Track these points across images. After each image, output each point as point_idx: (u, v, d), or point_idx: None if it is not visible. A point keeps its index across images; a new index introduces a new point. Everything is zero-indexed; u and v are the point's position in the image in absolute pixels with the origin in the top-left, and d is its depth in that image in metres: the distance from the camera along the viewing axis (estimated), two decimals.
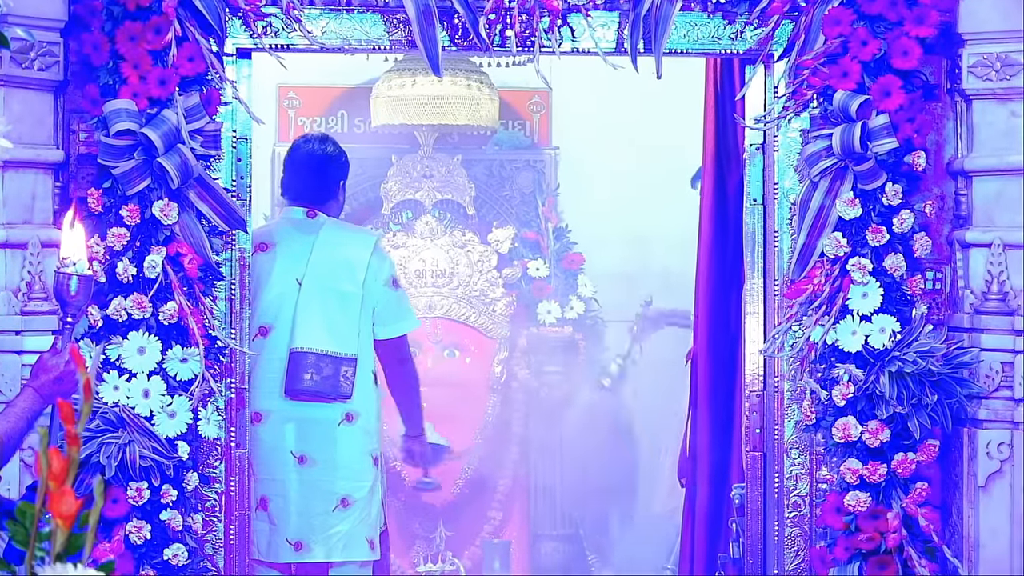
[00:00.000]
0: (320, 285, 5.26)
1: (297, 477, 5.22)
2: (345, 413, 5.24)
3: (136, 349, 4.64)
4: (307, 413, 5.22)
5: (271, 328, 5.25)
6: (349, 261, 5.32)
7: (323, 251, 5.32)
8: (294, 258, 5.30)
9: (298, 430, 5.22)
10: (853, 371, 4.80)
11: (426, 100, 7.47)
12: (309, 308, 5.23)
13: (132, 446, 4.57)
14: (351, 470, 5.26)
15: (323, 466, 5.22)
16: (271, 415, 5.24)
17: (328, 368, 5.18)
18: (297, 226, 5.39)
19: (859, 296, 4.80)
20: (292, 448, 5.21)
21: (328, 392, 5.19)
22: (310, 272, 5.27)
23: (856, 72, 4.78)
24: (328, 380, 5.18)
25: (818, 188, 4.84)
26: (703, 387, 5.91)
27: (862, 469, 4.80)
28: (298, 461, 5.21)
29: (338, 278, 5.29)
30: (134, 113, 4.62)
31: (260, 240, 5.29)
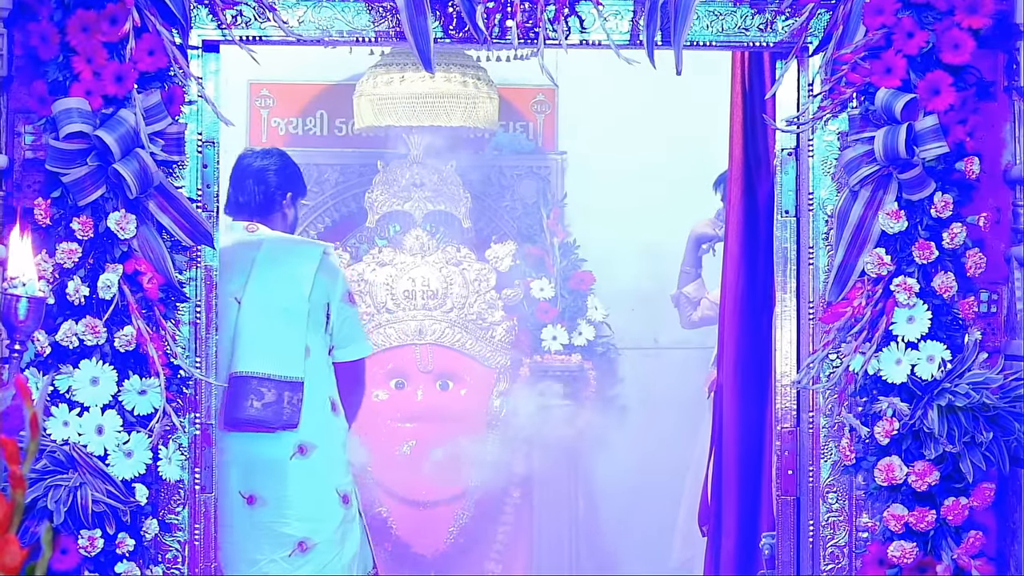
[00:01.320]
0: (261, 303, 5.31)
1: (247, 520, 5.24)
2: (297, 445, 5.25)
3: (89, 380, 4.64)
4: (253, 447, 5.23)
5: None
6: (293, 275, 5.36)
7: (264, 267, 5.38)
8: (233, 276, 5.34)
9: (245, 466, 5.23)
10: (898, 405, 4.80)
11: (416, 99, 7.48)
12: (249, 328, 5.26)
13: (84, 489, 4.56)
14: (307, 509, 5.26)
15: (274, 506, 5.24)
16: (221, 448, 5.17)
17: (270, 393, 5.19)
18: (237, 242, 5.45)
19: (904, 320, 4.80)
20: (239, 488, 5.23)
21: (270, 420, 5.19)
22: (250, 290, 5.32)
23: (901, 68, 4.79)
24: (270, 407, 5.19)
25: (858, 198, 4.84)
26: (728, 422, 5.91)
27: (908, 516, 4.79)
28: (247, 502, 5.23)
29: (280, 295, 5.33)
30: (87, 113, 4.62)
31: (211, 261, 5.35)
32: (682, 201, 7.64)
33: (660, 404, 7.99)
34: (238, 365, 5.21)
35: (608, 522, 7.79)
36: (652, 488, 7.80)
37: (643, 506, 7.79)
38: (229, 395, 5.18)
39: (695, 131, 7.52)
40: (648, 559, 7.74)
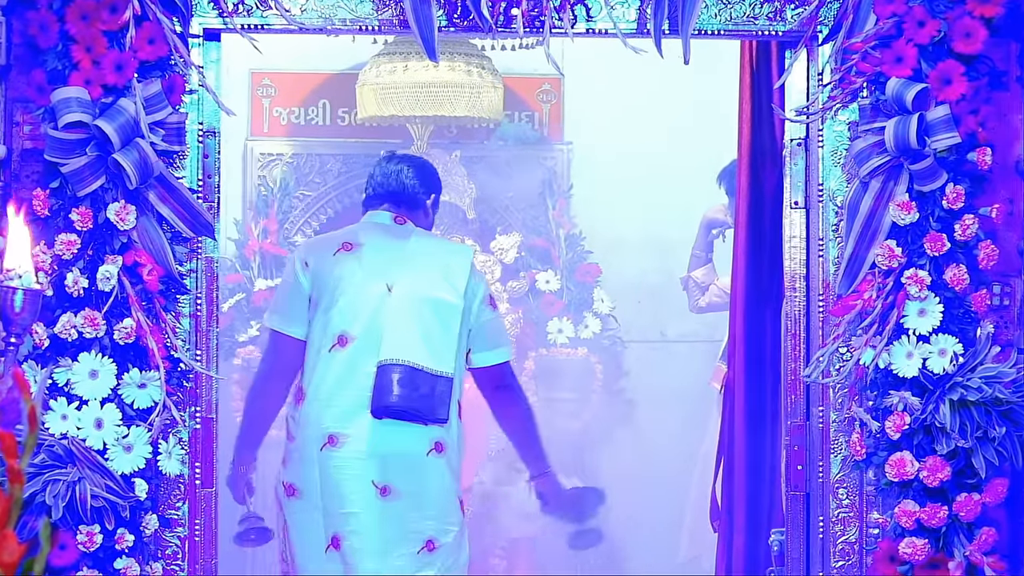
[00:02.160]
0: (415, 292, 5.21)
1: (379, 511, 5.11)
2: (435, 442, 5.16)
3: (88, 373, 4.64)
4: (392, 437, 5.13)
5: (353, 338, 5.17)
6: (448, 269, 5.29)
7: (417, 257, 5.30)
8: (383, 261, 5.27)
9: (381, 456, 5.12)
10: (909, 399, 4.79)
11: (420, 88, 7.47)
12: (401, 317, 5.17)
13: (82, 484, 4.56)
14: (439, 509, 5.18)
15: (409, 500, 5.13)
16: (348, 439, 5.13)
17: (423, 385, 5.10)
18: (385, 230, 5.38)
19: (916, 313, 4.80)
20: (374, 477, 5.11)
21: (422, 412, 5.10)
22: (403, 277, 5.23)
23: (912, 57, 4.78)
24: (423, 399, 5.09)
25: (868, 190, 4.84)
26: (738, 417, 5.90)
27: (919, 512, 4.79)
28: (380, 492, 5.11)
29: (436, 286, 5.24)
30: (86, 103, 4.62)
31: (343, 240, 5.32)
32: (690, 192, 7.63)
33: (667, 398, 7.98)
34: (388, 353, 5.11)
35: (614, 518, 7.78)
36: (659, 484, 7.80)
37: (650, 502, 7.78)
38: (378, 382, 5.09)
39: (703, 121, 7.51)
40: (655, 556, 7.73)
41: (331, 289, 5.18)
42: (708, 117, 7.32)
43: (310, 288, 5.24)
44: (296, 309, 5.25)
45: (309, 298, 5.23)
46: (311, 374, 5.19)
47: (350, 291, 5.20)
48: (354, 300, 5.19)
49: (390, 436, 5.13)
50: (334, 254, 5.24)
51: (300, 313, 5.24)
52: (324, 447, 5.12)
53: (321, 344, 5.18)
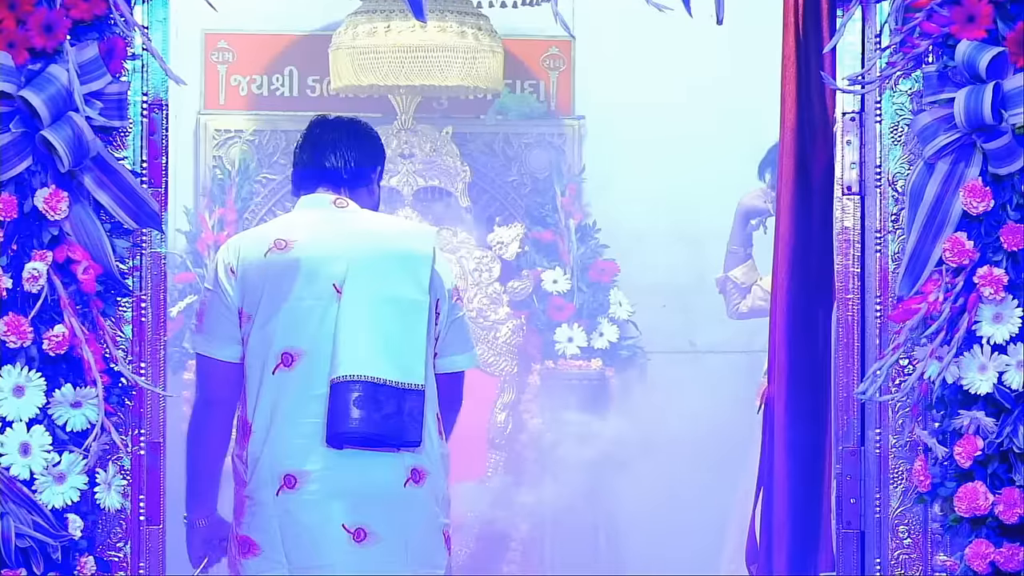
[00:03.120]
0: (370, 291, 5.11)
1: (354, 561, 5.05)
2: (411, 470, 5.09)
3: (12, 389, 4.65)
4: (361, 471, 5.06)
5: (300, 354, 5.09)
6: (407, 258, 5.18)
7: (368, 246, 5.18)
8: (327, 256, 5.15)
9: (349, 495, 5.06)
10: (982, 420, 4.81)
11: (405, 53, 7.49)
12: (355, 323, 5.08)
13: (5, 520, 4.58)
14: (423, 551, 5.13)
15: (388, 543, 5.06)
16: (308, 477, 5.06)
17: (388, 403, 5.01)
18: (324, 217, 5.25)
19: (990, 319, 4.81)
20: (344, 520, 5.05)
21: (388, 436, 5.02)
22: (354, 274, 5.12)
23: (986, 15, 4.79)
24: (388, 419, 5.01)
25: (935, 172, 4.85)
26: (779, 441, 5.91)
27: (995, 553, 4.80)
28: (354, 537, 5.04)
29: (394, 281, 5.14)
30: (10, 69, 4.64)
31: (275, 236, 5.18)
32: (724, 176, 7.66)
33: (698, 419, 8.00)
34: (343, 368, 5.02)
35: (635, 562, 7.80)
36: (689, 521, 7.81)
37: (678, 543, 7.79)
38: (332, 405, 5.01)
39: (741, 94, 7.53)
40: None
41: (267, 298, 5.08)
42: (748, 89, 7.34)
43: (239, 300, 5.13)
44: (224, 327, 5.15)
45: (240, 312, 5.13)
46: (254, 403, 5.11)
47: (290, 298, 5.10)
48: (296, 308, 5.10)
49: (357, 469, 5.07)
50: (265, 255, 5.12)
51: (231, 331, 5.14)
52: (281, 490, 5.05)
53: (263, 366, 5.09)
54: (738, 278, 7.50)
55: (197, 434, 5.23)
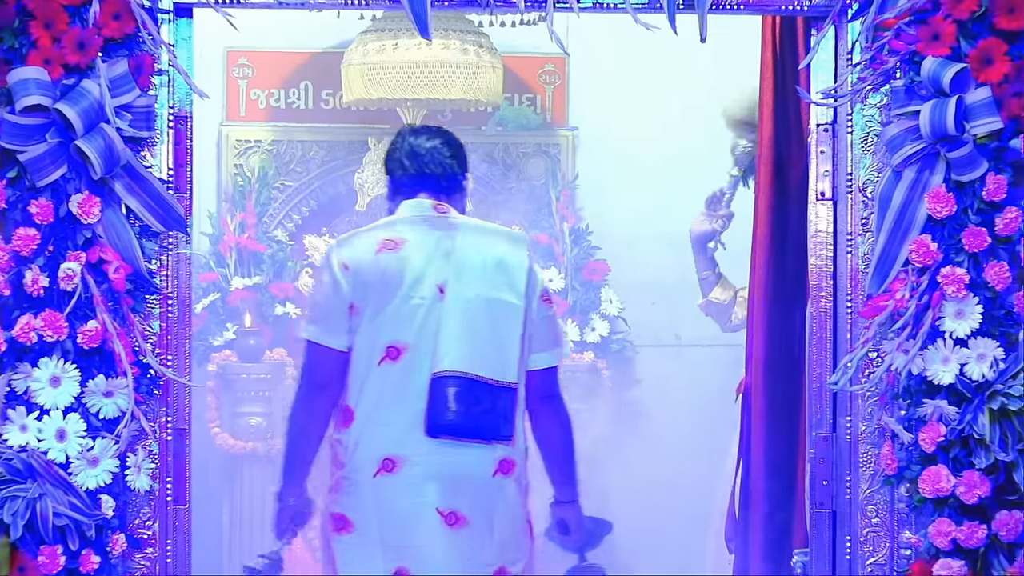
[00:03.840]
0: (471, 293, 5.08)
1: (446, 542, 5.01)
2: (499, 461, 5.05)
3: (49, 380, 4.65)
4: (455, 459, 5.02)
5: (405, 348, 5.05)
6: (505, 264, 5.14)
7: (468, 251, 5.13)
8: (432, 259, 5.11)
9: (444, 480, 5.02)
10: (945, 409, 4.81)
11: (411, 68, 7.49)
12: (457, 322, 5.04)
13: (44, 501, 4.58)
14: (509, 536, 5.08)
15: (477, 528, 5.03)
16: (406, 462, 5.02)
17: (483, 399, 4.99)
18: (428, 221, 5.19)
19: (953, 315, 4.81)
20: (438, 504, 5.00)
21: (482, 430, 5.00)
22: (456, 276, 5.09)
23: (950, 34, 4.79)
24: (483, 414, 4.99)
25: (901, 180, 4.85)
26: (757, 428, 5.92)
27: (955, 531, 4.80)
28: (445, 521, 5.01)
29: (493, 285, 5.10)
30: (46, 84, 4.63)
31: (384, 236, 5.13)
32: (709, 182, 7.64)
33: (683, 408, 7.99)
34: (444, 364, 4.99)
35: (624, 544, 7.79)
36: (676, 505, 7.79)
37: (667, 525, 7.78)
38: (432, 398, 4.99)
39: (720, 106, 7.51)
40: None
41: (376, 294, 5.03)
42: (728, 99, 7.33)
43: (351, 294, 5.07)
44: (337, 317, 5.08)
45: (351, 305, 5.07)
46: (359, 391, 5.06)
47: (398, 296, 5.06)
48: (403, 306, 5.06)
49: (452, 457, 5.02)
50: (375, 254, 5.08)
51: (341, 322, 5.08)
52: (379, 473, 5.01)
53: (369, 357, 5.04)
54: (718, 298, 7.48)
55: (302, 416, 5.18)
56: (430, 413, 4.98)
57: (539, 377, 5.18)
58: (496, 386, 5.00)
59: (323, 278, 5.15)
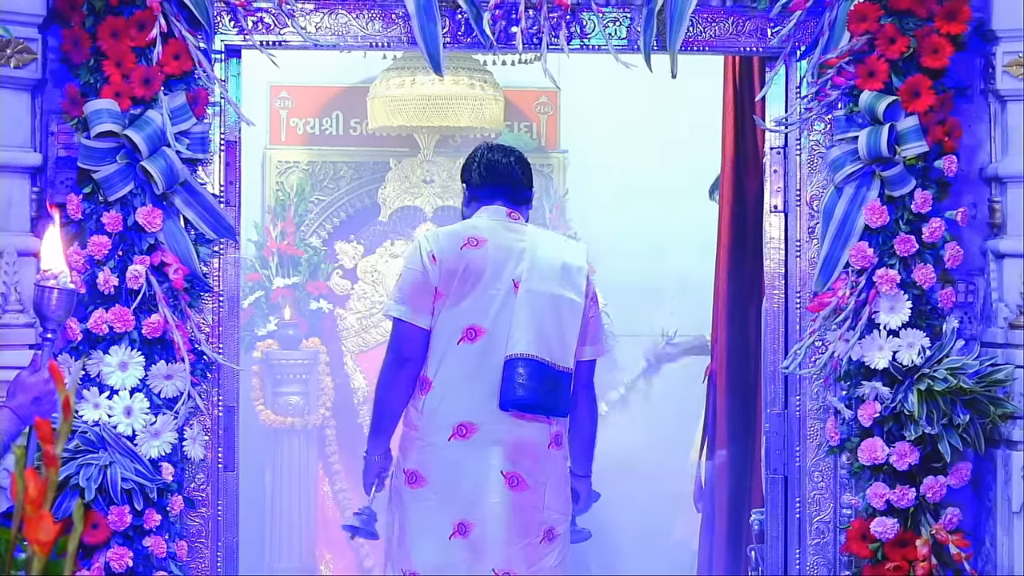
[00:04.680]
0: (541, 289, 4.99)
1: (507, 500, 4.92)
2: (554, 435, 4.99)
3: (118, 364, 4.65)
4: (519, 430, 4.94)
5: (482, 332, 4.94)
6: (569, 266, 5.07)
7: (538, 252, 5.05)
8: (508, 258, 5.01)
9: (508, 448, 4.93)
10: (880, 389, 4.80)
11: (426, 100, 7.48)
12: (528, 313, 4.96)
13: (113, 467, 4.57)
14: (558, 499, 5.01)
15: (534, 491, 4.95)
16: (478, 429, 4.93)
17: (548, 380, 4.92)
18: (504, 226, 5.09)
19: (886, 309, 4.81)
20: (502, 467, 4.92)
21: (548, 406, 4.94)
22: (528, 274, 4.99)
23: (883, 71, 4.79)
24: (549, 393, 4.92)
25: (843, 195, 4.85)
26: (720, 406, 5.92)
27: (889, 493, 4.80)
28: (507, 482, 4.92)
29: (559, 284, 5.03)
30: (116, 114, 4.63)
31: (469, 235, 5.00)
32: (678, 196, 7.64)
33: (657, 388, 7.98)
34: (516, 347, 4.90)
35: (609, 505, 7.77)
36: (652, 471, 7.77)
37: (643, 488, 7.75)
38: (506, 375, 4.89)
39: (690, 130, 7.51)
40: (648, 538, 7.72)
41: (460, 284, 4.93)
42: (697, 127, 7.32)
43: (437, 281, 4.94)
44: (423, 300, 4.95)
45: (436, 290, 4.95)
46: (437, 365, 4.94)
47: (479, 286, 4.96)
48: (482, 296, 4.96)
49: (517, 428, 4.94)
50: (460, 248, 4.96)
51: (426, 304, 4.95)
52: (452, 437, 4.91)
53: (449, 337, 4.94)
54: None
55: (389, 385, 5.03)
56: (504, 389, 4.89)
57: (583, 367, 5.11)
58: (558, 370, 4.93)
59: (413, 266, 5.01)
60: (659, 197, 7.92)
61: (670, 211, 7.80)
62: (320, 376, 7.84)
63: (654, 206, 7.96)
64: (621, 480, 7.56)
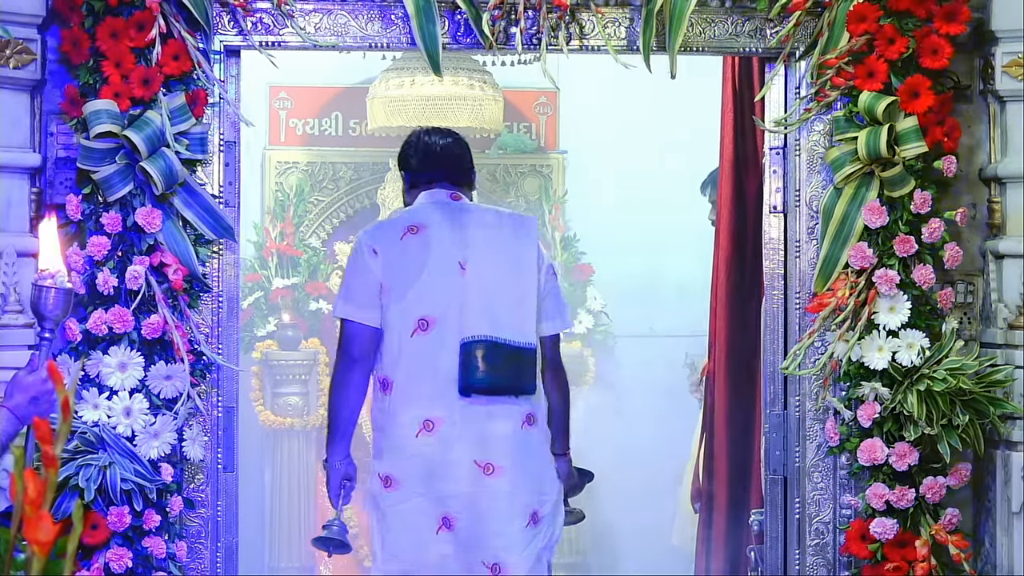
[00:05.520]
0: (489, 268, 4.86)
1: (485, 490, 4.79)
2: (525, 415, 4.84)
3: (117, 365, 4.65)
4: (486, 415, 4.80)
5: (434, 321, 4.80)
6: (516, 241, 4.95)
7: (484, 231, 4.92)
8: (452, 240, 4.88)
9: (478, 436, 4.80)
10: (879, 389, 4.80)
11: (426, 101, 7.48)
12: (479, 294, 4.82)
13: (113, 468, 4.57)
14: (538, 481, 4.87)
15: (511, 475, 4.81)
16: (444, 422, 4.78)
17: (508, 359, 4.79)
18: (443, 208, 4.96)
19: (886, 310, 4.80)
20: (475, 457, 4.79)
21: (511, 385, 4.80)
22: (475, 255, 4.87)
23: (883, 72, 4.79)
24: (509, 372, 4.79)
25: (842, 195, 4.84)
26: (720, 407, 5.91)
27: (889, 494, 4.79)
28: (483, 471, 4.78)
29: (509, 260, 4.90)
30: (116, 114, 4.63)
31: (408, 223, 4.89)
32: (677, 197, 7.64)
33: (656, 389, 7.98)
34: (469, 330, 4.76)
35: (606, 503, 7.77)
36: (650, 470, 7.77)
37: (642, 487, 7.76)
38: (462, 361, 4.76)
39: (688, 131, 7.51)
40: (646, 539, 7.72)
41: (404, 275, 4.81)
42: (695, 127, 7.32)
43: (381, 275, 4.82)
44: (369, 297, 4.83)
45: (380, 285, 4.82)
46: (395, 362, 4.82)
47: (424, 275, 4.83)
48: (429, 283, 4.82)
49: (483, 415, 4.80)
50: (401, 239, 4.85)
51: (373, 300, 4.83)
52: (419, 433, 4.77)
53: (401, 331, 4.80)
54: None
55: (340, 386, 4.89)
56: (462, 374, 4.76)
57: (547, 343, 4.97)
58: (517, 346, 4.80)
59: (355, 263, 4.91)
60: (659, 197, 7.93)
61: (669, 211, 7.80)
62: (320, 377, 7.84)
63: (653, 206, 7.96)
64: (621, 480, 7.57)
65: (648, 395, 8.00)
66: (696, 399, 6.91)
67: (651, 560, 7.60)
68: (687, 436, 7.16)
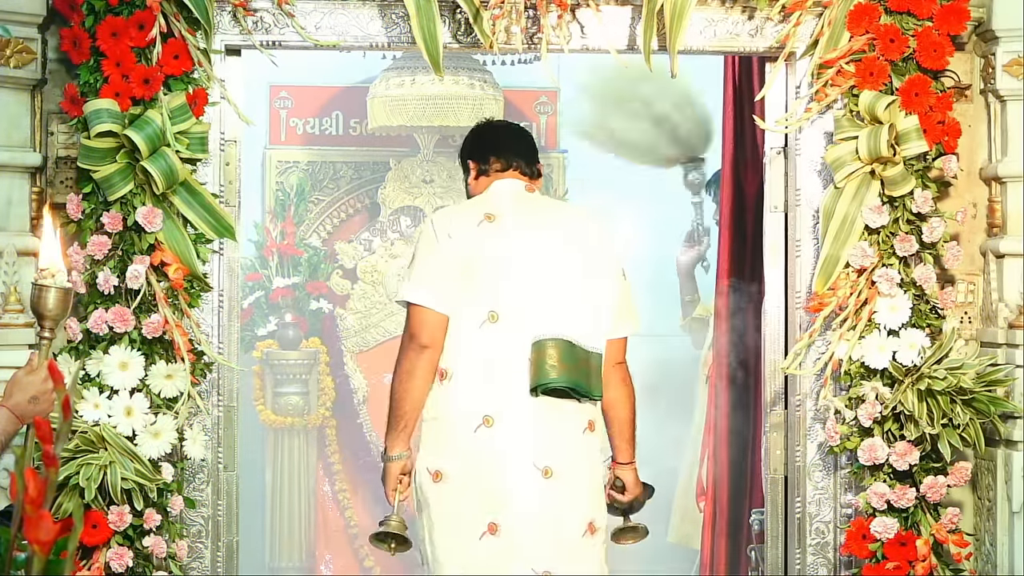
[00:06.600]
0: (563, 266, 4.65)
1: (541, 494, 4.54)
2: (588, 420, 4.63)
3: (118, 364, 4.64)
4: (550, 416, 4.57)
5: (504, 313, 4.57)
6: (593, 244, 4.72)
7: (558, 228, 4.71)
8: (527, 232, 4.67)
9: (539, 436, 4.56)
10: (880, 389, 4.80)
11: (426, 100, 7.48)
12: (553, 292, 4.61)
13: (113, 467, 4.57)
14: (597, 490, 4.68)
15: (569, 481, 4.57)
16: (505, 419, 4.55)
17: (580, 361, 4.57)
18: (520, 198, 4.77)
19: (886, 309, 4.80)
20: (534, 459, 4.54)
21: (581, 388, 4.56)
22: (550, 250, 4.65)
23: (883, 71, 4.79)
24: (582, 374, 4.56)
25: (843, 195, 4.84)
26: (721, 406, 5.91)
27: (889, 493, 4.79)
28: (542, 474, 4.54)
29: (583, 258, 4.67)
30: (116, 114, 4.63)
31: (484, 210, 4.69)
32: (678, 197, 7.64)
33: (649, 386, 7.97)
34: (542, 329, 4.54)
35: None
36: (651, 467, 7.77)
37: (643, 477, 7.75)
38: (536, 359, 4.53)
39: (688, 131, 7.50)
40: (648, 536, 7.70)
41: (479, 262, 4.58)
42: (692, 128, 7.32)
43: (454, 261, 4.58)
44: (443, 281, 4.59)
45: (453, 271, 4.58)
46: (457, 351, 4.59)
47: (498, 265, 4.60)
48: (503, 274, 4.60)
49: (547, 415, 4.57)
50: (478, 225, 4.63)
51: (447, 286, 4.58)
52: (478, 428, 4.54)
53: (468, 320, 4.58)
54: (702, 315, 7.42)
55: (409, 377, 4.60)
56: (535, 372, 4.53)
57: (613, 346, 4.74)
58: (588, 349, 4.60)
59: (428, 246, 4.64)
60: (653, 193, 7.92)
61: (671, 211, 7.79)
62: (320, 376, 7.84)
63: (648, 201, 7.95)
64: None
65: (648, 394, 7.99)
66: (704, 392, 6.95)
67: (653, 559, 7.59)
68: (687, 436, 7.16)
